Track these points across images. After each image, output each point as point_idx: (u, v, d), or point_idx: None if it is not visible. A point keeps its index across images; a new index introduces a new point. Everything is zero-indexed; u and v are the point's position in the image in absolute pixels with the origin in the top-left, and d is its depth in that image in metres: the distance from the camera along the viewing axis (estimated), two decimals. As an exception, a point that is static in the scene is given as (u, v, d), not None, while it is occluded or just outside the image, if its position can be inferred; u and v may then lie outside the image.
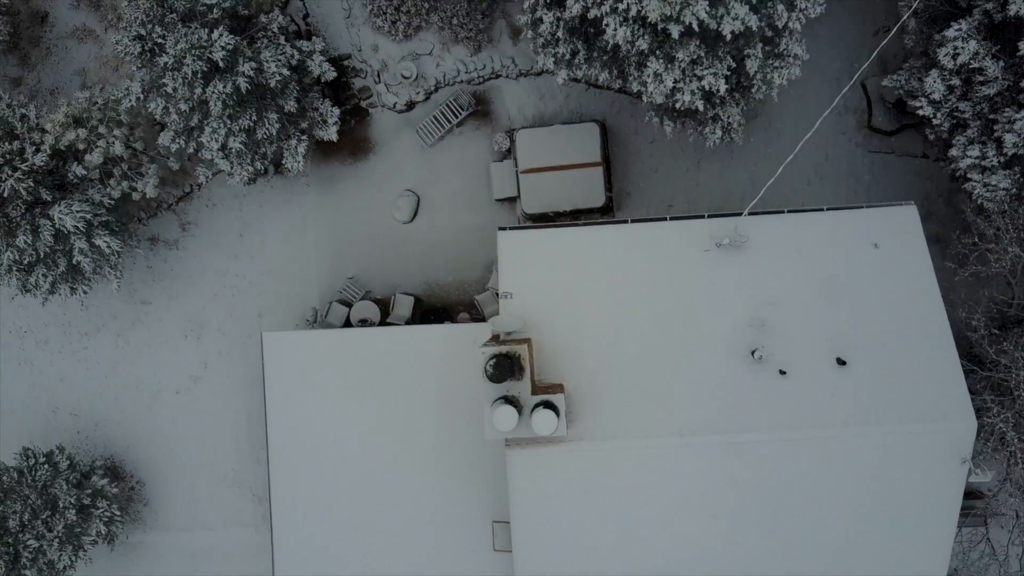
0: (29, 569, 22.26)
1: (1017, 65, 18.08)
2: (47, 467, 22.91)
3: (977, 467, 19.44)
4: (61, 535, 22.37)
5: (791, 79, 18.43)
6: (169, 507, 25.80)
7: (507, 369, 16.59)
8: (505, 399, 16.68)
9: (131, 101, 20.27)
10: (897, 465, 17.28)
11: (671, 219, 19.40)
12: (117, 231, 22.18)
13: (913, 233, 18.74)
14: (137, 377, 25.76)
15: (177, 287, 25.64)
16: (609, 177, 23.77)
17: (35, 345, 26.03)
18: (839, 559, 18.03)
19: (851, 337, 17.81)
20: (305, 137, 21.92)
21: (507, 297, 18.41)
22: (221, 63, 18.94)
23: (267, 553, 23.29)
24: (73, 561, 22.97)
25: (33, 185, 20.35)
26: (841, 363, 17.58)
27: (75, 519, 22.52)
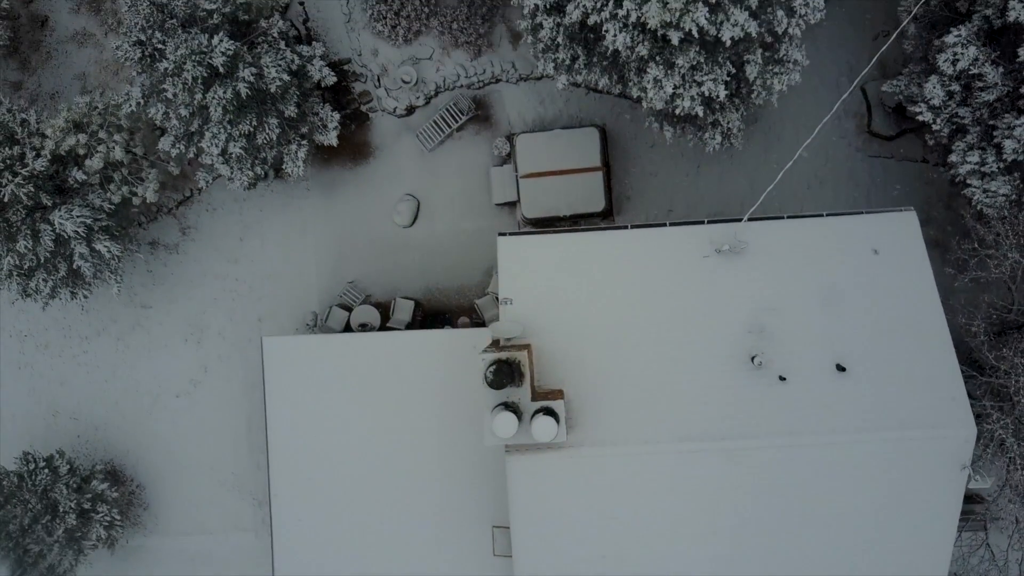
0: (30, 572, 22.31)
1: (1017, 71, 18.08)
2: (47, 472, 22.94)
3: (977, 473, 19.43)
4: (61, 539, 22.40)
5: (791, 85, 18.46)
6: (169, 511, 25.83)
7: (507, 375, 16.59)
8: (505, 405, 16.68)
9: (131, 106, 20.29)
10: (897, 471, 17.28)
11: (671, 225, 19.39)
12: (117, 236, 22.20)
13: (913, 239, 18.74)
14: (137, 381, 25.80)
15: (177, 291, 25.67)
16: (609, 182, 23.77)
17: (35, 349, 26.07)
18: (839, 565, 18.01)
19: (851, 343, 17.81)
20: (305, 142, 21.94)
21: (507, 303, 18.40)
22: (221, 68, 18.96)
23: (267, 557, 23.32)
24: (74, 565, 23.00)
25: (33, 190, 20.35)
26: (841, 369, 17.58)
27: (75, 523, 22.54)
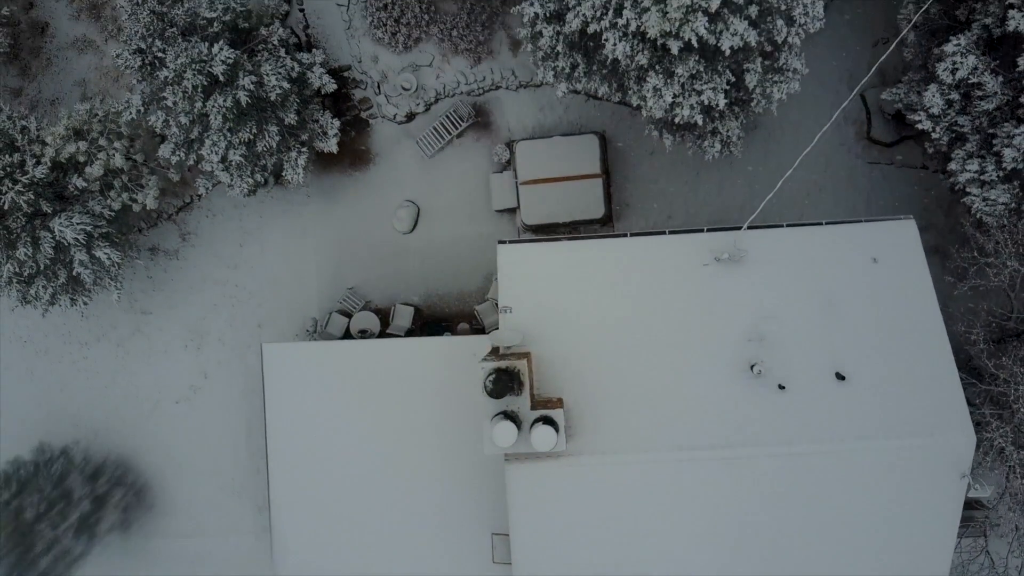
0: (44, 557, 22.46)
1: (1016, 80, 18.10)
2: (62, 460, 23.27)
3: (976, 482, 19.45)
4: (75, 524, 22.67)
5: (790, 93, 18.48)
6: (169, 515, 25.83)
7: (506, 384, 16.60)
8: (504, 414, 16.69)
9: (131, 114, 20.30)
10: (896, 479, 17.29)
11: (670, 233, 19.41)
12: (117, 242, 22.22)
13: (912, 247, 18.75)
14: (137, 387, 25.81)
15: (177, 297, 25.68)
16: (608, 189, 23.80)
17: (35, 355, 26.08)
18: (838, 573, 18.00)
19: (850, 351, 17.82)
20: (305, 149, 21.96)
21: (506, 311, 18.41)
22: (221, 77, 18.98)
23: (267, 561, 23.35)
24: (86, 552, 23.26)
25: (33, 197, 20.36)
26: (840, 378, 17.59)
27: (90, 509, 22.80)
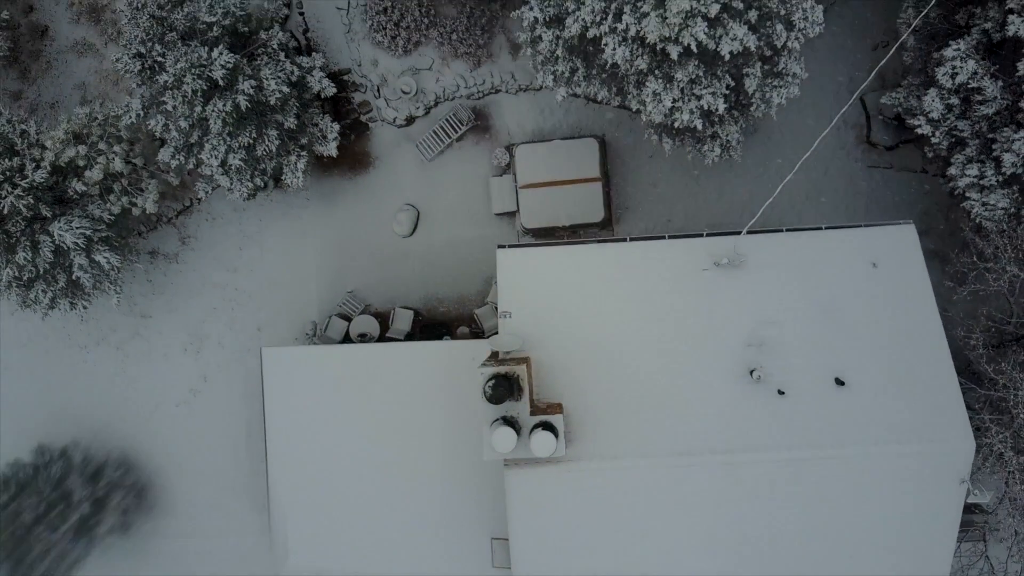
0: (43, 560, 22.48)
1: (1016, 85, 18.09)
2: (61, 462, 23.27)
3: (976, 487, 19.44)
4: (75, 526, 22.69)
5: (790, 98, 18.47)
6: (169, 516, 25.84)
7: (506, 390, 16.59)
8: (504, 420, 16.68)
9: (131, 118, 20.29)
10: (895, 485, 17.26)
11: (670, 237, 19.39)
12: (117, 246, 22.20)
13: (911, 252, 18.73)
14: (136, 390, 25.81)
15: (177, 300, 25.68)
16: (608, 192, 23.79)
17: (35, 358, 26.07)
18: (837, 578, 18.06)
19: (850, 357, 17.80)
20: (305, 153, 21.95)
21: (506, 317, 18.40)
22: (221, 81, 18.99)
23: (266, 562, 23.35)
24: (83, 558, 23.26)
25: (33, 202, 20.35)
26: (839, 383, 17.58)
27: (89, 511, 22.82)
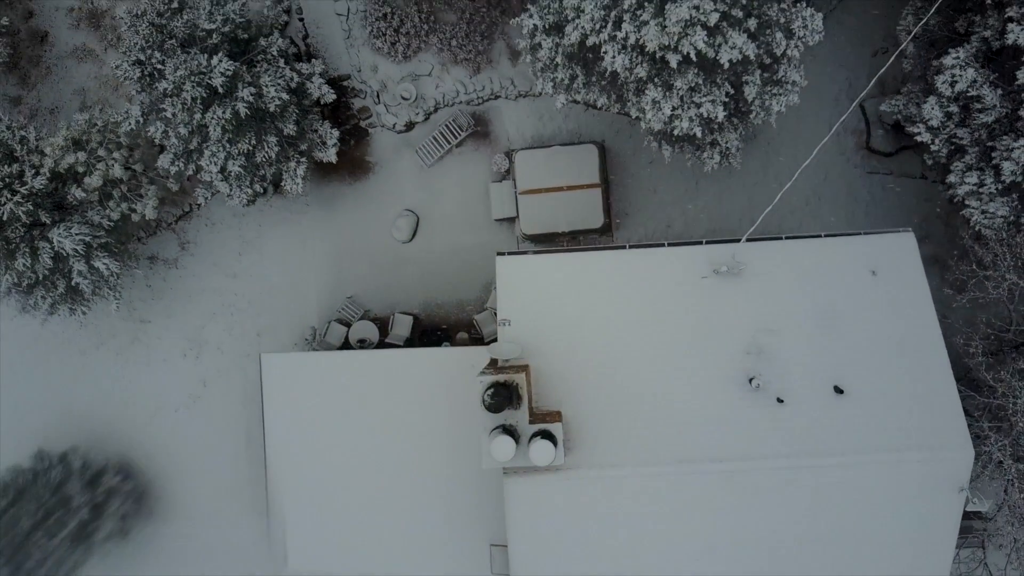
0: (41, 567, 22.52)
1: (1015, 93, 18.07)
2: (61, 468, 23.30)
3: (975, 495, 19.44)
4: (74, 532, 22.76)
5: (789, 105, 18.46)
6: (168, 521, 25.85)
7: (505, 399, 16.59)
8: (503, 428, 16.69)
9: (131, 124, 20.27)
10: (894, 493, 17.29)
11: (669, 245, 19.41)
12: (116, 252, 22.21)
13: (911, 260, 18.75)
14: (136, 395, 25.82)
15: (176, 306, 25.69)
16: (608, 198, 23.77)
17: (34, 363, 26.07)
18: (836, 586, 18.05)
19: (849, 365, 17.83)
20: (304, 159, 21.95)
21: (505, 324, 18.41)
22: (220, 89, 18.98)
23: (265, 570, 23.37)
24: (81, 563, 23.30)
25: (32, 208, 20.35)
26: (838, 391, 17.59)
27: (88, 517, 22.91)
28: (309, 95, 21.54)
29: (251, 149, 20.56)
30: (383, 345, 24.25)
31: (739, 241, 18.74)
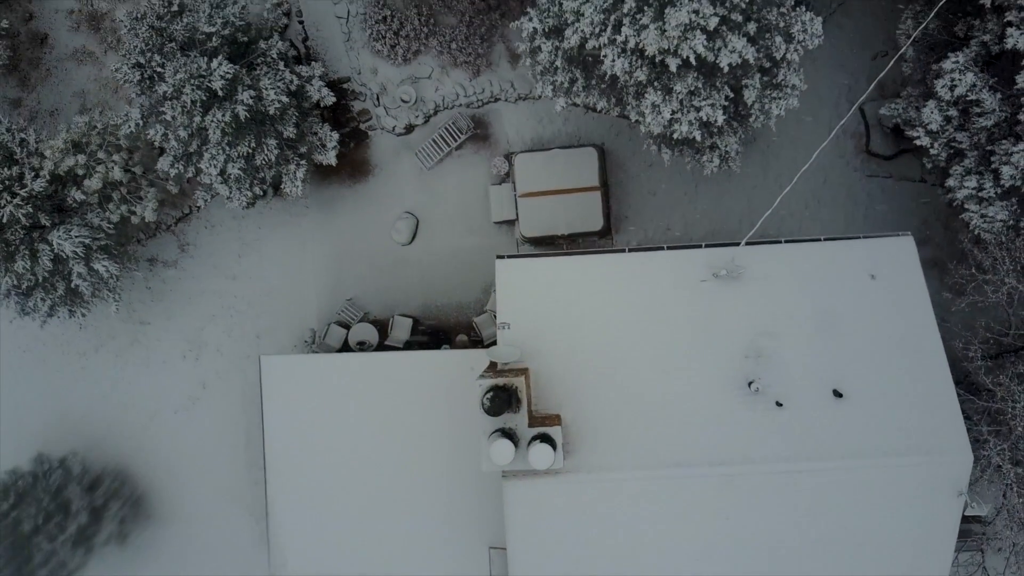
0: (41, 570, 22.55)
1: (1014, 97, 18.10)
2: (60, 471, 23.34)
3: (974, 500, 19.45)
4: (73, 536, 22.76)
5: (789, 109, 18.48)
6: (166, 524, 25.85)
7: (504, 402, 16.59)
8: (502, 432, 16.69)
9: (130, 127, 20.28)
10: (893, 497, 17.28)
11: (668, 248, 19.42)
12: (116, 254, 22.21)
13: (910, 264, 18.75)
14: (135, 397, 25.82)
15: (175, 308, 25.69)
16: (607, 201, 23.80)
17: (34, 365, 26.08)
18: (835, 590, 18.05)
19: (848, 369, 17.82)
20: (304, 162, 21.96)
21: (504, 328, 18.42)
22: (220, 92, 18.99)
23: (264, 571, 23.35)
24: (82, 565, 23.34)
25: (32, 210, 20.36)
26: (837, 395, 17.59)
27: (87, 521, 22.91)
28: (309, 98, 21.55)
29: (251, 152, 20.58)
30: (382, 348, 24.27)
31: (738, 245, 18.75)
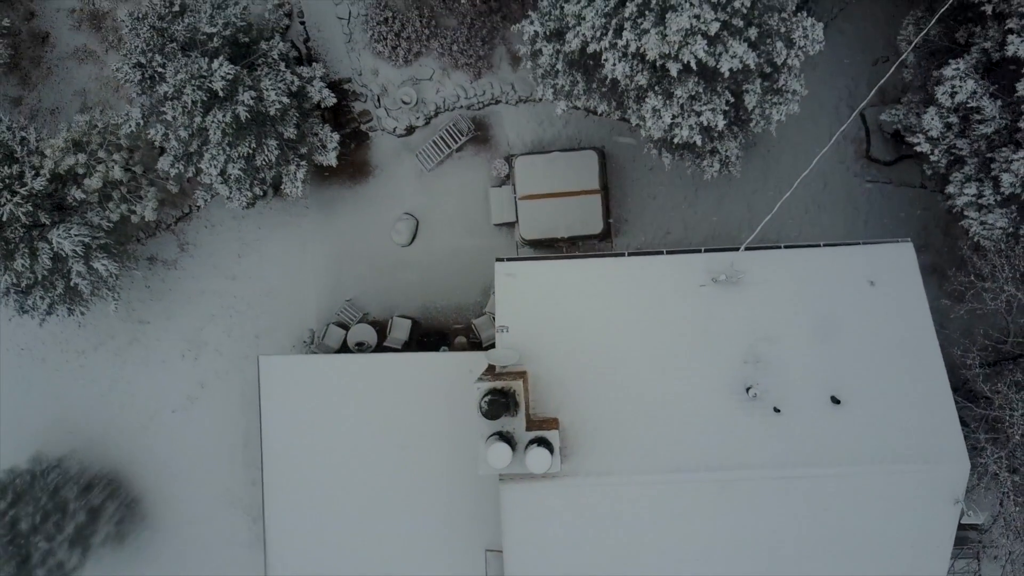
0: (39, 569, 22.54)
1: (1014, 105, 18.09)
2: (58, 471, 23.35)
3: (970, 508, 19.44)
4: (71, 535, 22.80)
5: (790, 114, 18.47)
6: (163, 524, 25.83)
7: (502, 406, 16.59)
8: (499, 435, 16.69)
9: (131, 127, 20.25)
10: (889, 504, 17.29)
11: (668, 253, 19.42)
12: (115, 253, 22.20)
13: (909, 271, 18.77)
14: (134, 396, 25.81)
15: (175, 307, 25.68)
16: (607, 204, 23.78)
17: (32, 363, 26.07)
18: (831, 596, 18.05)
19: (846, 375, 17.84)
20: (304, 162, 21.95)
21: (503, 331, 18.41)
22: (221, 92, 18.98)
23: (260, 571, 23.34)
24: (81, 564, 23.33)
25: (32, 209, 20.35)
26: (835, 402, 17.60)
27: (84, 520, 22.96)
28: (310, 98, 21.53)
29: (251, 152, 20.57)
30: (381, 349, 24.26)
31: (738, 250, 18.76)
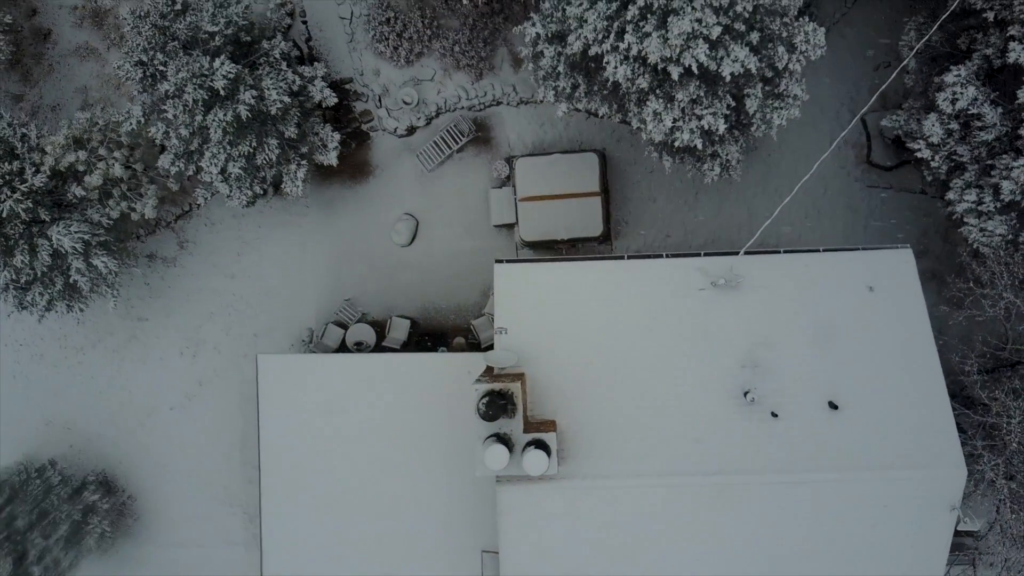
0: (35, 567, 22.57)
1: (1015, 112, 18.09)
2: (39, 482, 23.25)
3: (966, 515, 19.45)
4: (67, 533, 23.05)
5: (791, 119, 18.48)
6: (160, 523, 25.87)
7: (500, 407, 16.60)
8: (497, 437, 16.70)
9: (132, 124, 20.26)
10: (886, 510, 17.30)
11: (667, 256, 19.43)
12: (115, 251, 22.21)
13: (908, 276, 18.77)
14: (132, 393, 25.83)
15: (174, 305, 25.69)
16: (607, 207, 23.78)
17: (30, 359, 26.09)
18: (827, 601, 18.05)
19: (844, 381, 17.85)
20: (305, 162, 21.94)
21: (502, 333, 18.42)
22: (222, 91, 18.98)
23: (256, 570, 23.30)
24: (75, 563, 23.50)
25: (32, 206, 20.36)
26: (833, 407, 17.61)
27: (67, 533, 22.90)
28: (311, 98, 21.53)
29: (252, 151, 20.55)
30: (380, 349, 24.26)
31: (737, 254, 18.76)
